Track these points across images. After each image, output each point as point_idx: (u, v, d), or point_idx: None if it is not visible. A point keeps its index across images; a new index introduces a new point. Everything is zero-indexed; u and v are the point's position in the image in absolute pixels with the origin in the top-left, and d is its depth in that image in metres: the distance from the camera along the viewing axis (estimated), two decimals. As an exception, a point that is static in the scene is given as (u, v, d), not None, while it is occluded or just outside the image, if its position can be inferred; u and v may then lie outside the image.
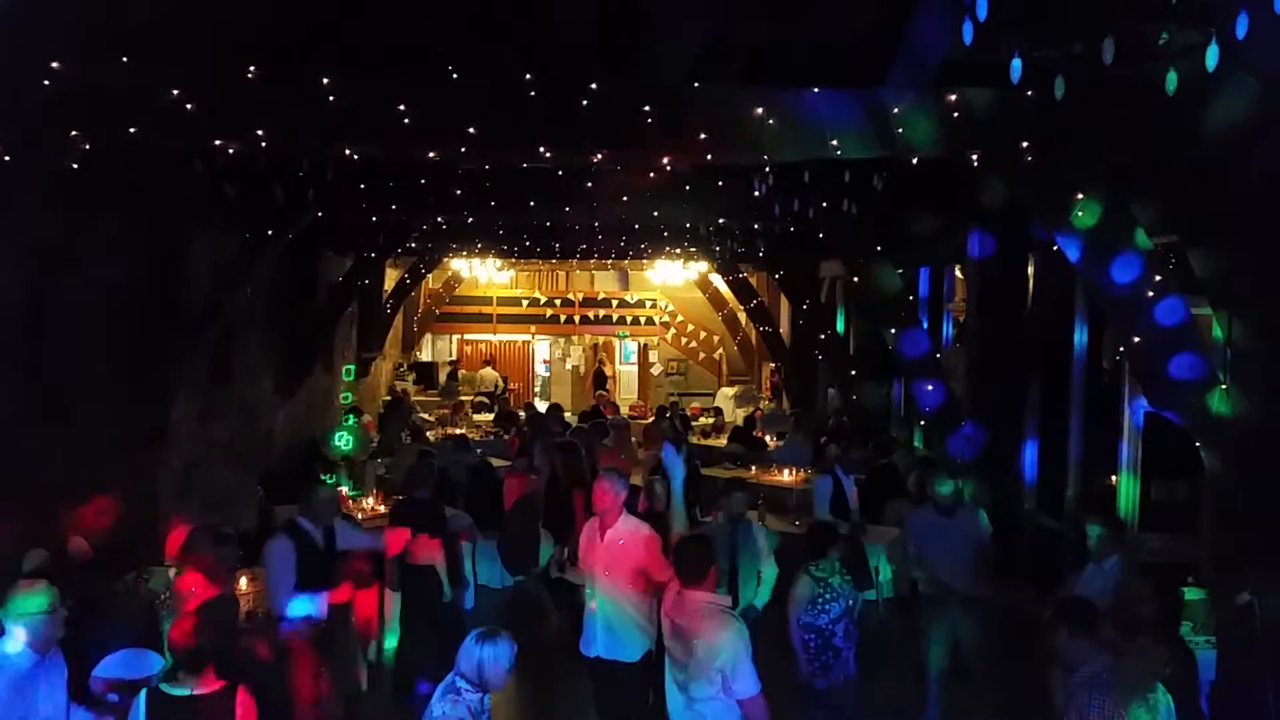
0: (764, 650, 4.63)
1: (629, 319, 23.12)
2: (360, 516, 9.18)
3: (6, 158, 5.69)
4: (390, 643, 7.60)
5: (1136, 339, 5.91)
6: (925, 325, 10.99)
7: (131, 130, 5.60)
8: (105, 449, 7.79)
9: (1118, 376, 8.71)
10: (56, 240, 7.03)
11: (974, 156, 5.75)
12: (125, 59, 5.43)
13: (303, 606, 5.77)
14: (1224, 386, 5.56)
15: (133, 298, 8.17)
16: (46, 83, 5.39)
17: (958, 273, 11.48)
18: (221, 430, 10.49)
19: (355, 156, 6.51)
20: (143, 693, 4.11)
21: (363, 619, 6.94)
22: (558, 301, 23.01)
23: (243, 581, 7.08)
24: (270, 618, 6.04)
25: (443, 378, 21.54)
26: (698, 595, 4.57)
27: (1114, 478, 8.67)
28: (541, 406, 15.60)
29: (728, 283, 18.37)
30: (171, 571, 6.62)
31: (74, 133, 5.73)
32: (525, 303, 23.01)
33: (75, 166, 6.04)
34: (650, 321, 23.19)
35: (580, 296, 23.09)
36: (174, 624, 4.41)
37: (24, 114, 5.49)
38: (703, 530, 6.80)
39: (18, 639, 4.20)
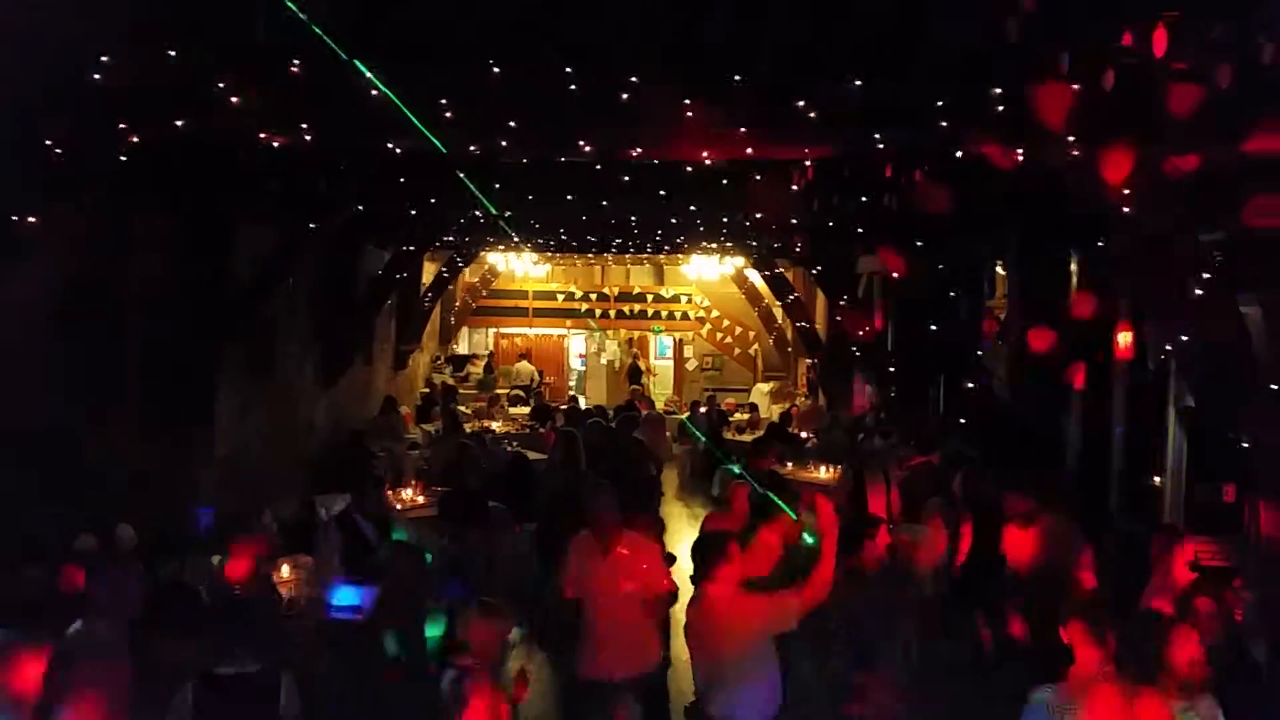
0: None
1: (664, 314, 23.10)
2: (399, 508, 9.26)
3: (58, 150, 5.80)
4: (434, 631, 7.66)
5: (1184, 337, 5.82)
6: (965, 322, 10.87)
7: (179, 123, 5.70)
8: (149, 438, 7.93)
9: (1163, 375, 8.57)
10: (101, 233, 7.16)
11: (1019, 151, 5.68)
12: (173, 53, 5.52)
13: (348, 596, 5.84)
14: (1274, 386, 5.46)
15: (177, 289, 8.30)
16: (96, 76, 5.49)
17: (999, 269, 11.35)
18: (263, 420, 10.62)
19: (397, 150, 6.56)
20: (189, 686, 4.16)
21: None
22: (593, 296, 23.03)
23: (284, 569, 7.17)
24: (313, 604, 6.13)
25: (477, 370, 21.62)
26: (713, 591, 4.58)
27: (1158, 479, 8.54)
28: (581, 404, 15.63)
29: (764, 278, 18.29)
30: (215, 559, 6.74)
31: (123, 126, 5.83)
32: (561, 297, 23.05)
33: (123, 159, 6.16)
34: (685, 316, 23.14)
35: (616, 291, 23.09)
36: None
37: (75, 108, 5.59)
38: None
39: None
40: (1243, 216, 5.65)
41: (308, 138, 5.83)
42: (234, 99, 5.51)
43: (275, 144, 6.21)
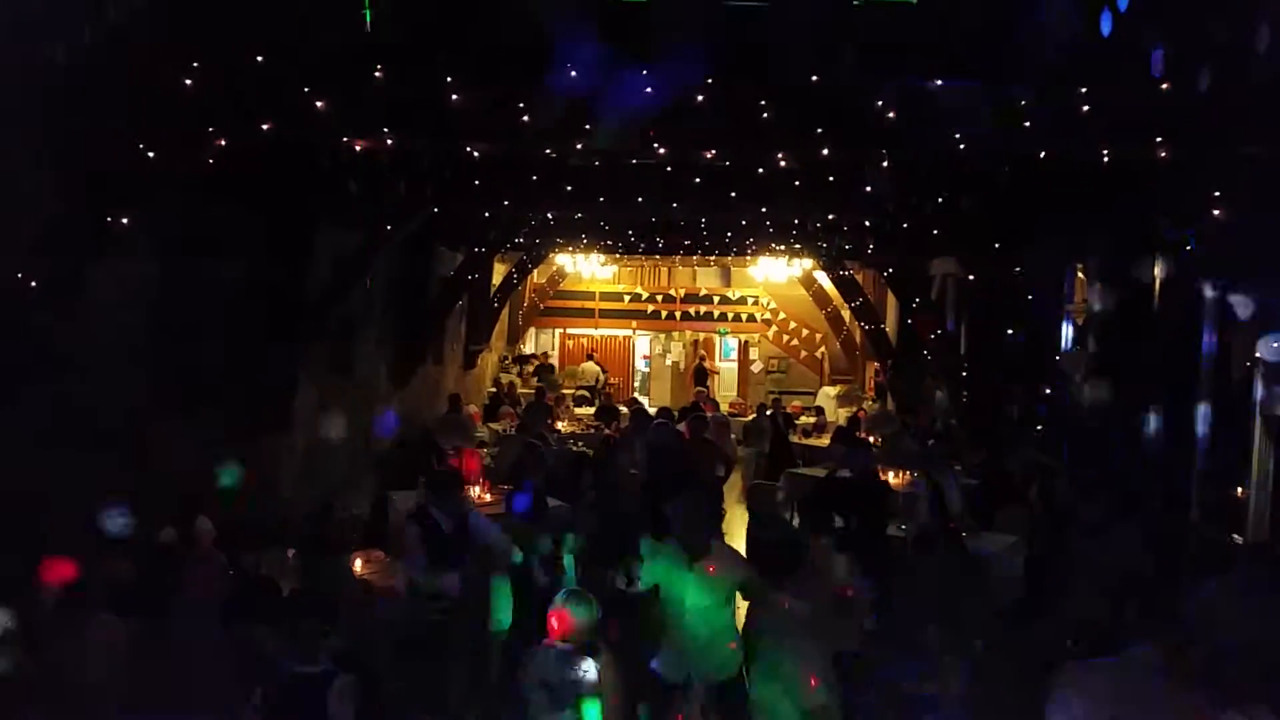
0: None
1: (730, 315, 23.03)
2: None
3: (150, 154, 5.99)
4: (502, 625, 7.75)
5: (1275, 344, 5.63)
6: (1043, 326, 10.64)
7: (265, 128, 5.85)
8: (231, 434, 8.15)
9: (1249, 382, 8.29)
10: (190, 234, 7.37)
11: (1105, 154, 5.55)
12: (260, 59, 5.68)
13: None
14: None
15: (260, 290, 8.51)
16: (189, 82, 5.67)
17: (1079, 273, 11.08)
18: (340, 418, 10.83)
19: (475, 154, 6.65)
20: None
21: None
22: (659, 297, 23.06)
23: (357, 563, 7.31)
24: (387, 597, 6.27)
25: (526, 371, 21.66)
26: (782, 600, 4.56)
27: (1242, 490, 8.27)
28: (649, 408, 15.62)
29: (833, 280, 18.10)
30: (291, 553, 6.92)
31: (211, 129, 6.00)
32: (627, 298, 23.13)
33: (211, 162, 6.34)
34: (751, 318, 23.04)
35: (682, 292, 23.10)
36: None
37: (167, 113, 5.78)
38: None
39: None
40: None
41: (389, 141, 5.94)
42: (318, 104, 5.64)
43: (356, 148, 6.34)
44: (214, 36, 5.72)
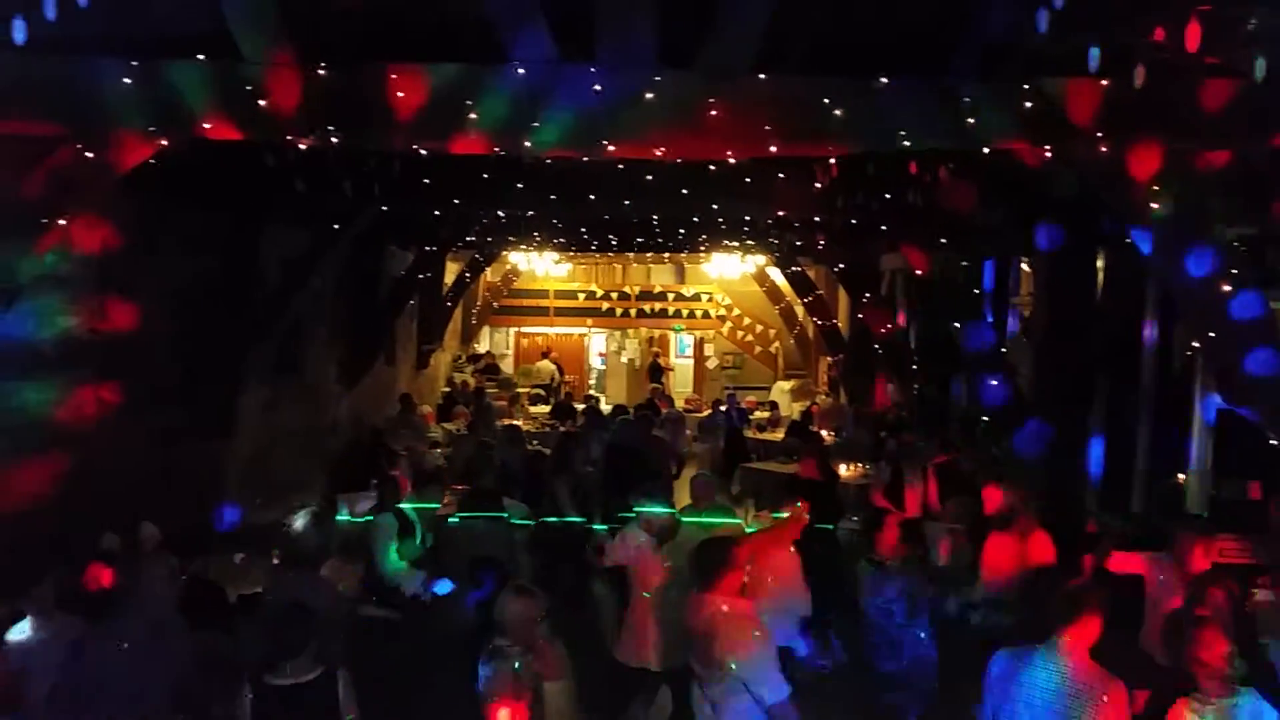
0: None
1: (685, 312, 23.10)
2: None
3: (89, 155, 5.86)
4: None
5: (1211, 334, 5.76)
6: (990, 319, 10.81)
7: (206, 126, 5.74)
8: (177, 436, 8.01)
9: (1190, 372, 8.50)
10: (131, 234, 7.22)
11: (1047, 148, 5.64)
12: (200, 56, 5.58)
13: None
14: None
15: (205, 290, 8.37)
16: (128, 81, 5.55)
17: (1024, 266, 11.27)
18: (288, 420, 10.70)
19: (422, 152, 6.59)
20: (248, 689, 4.18)
21: None
22: (614, 295, 23.06)
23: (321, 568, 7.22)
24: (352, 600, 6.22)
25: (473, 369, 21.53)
26: (714, 600, 4.56)
27: (1183, 476, 8.47)
28: (605, 406, 15.64)
29: (785, 276, 18.25)
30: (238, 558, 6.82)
31: (150, 129, 5.87)
32: (582, 296, 23.10)
33: (151, 162, 6.21)
34: (706, 315, 23.14)
35: (636, 290, 23.12)
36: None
37: (101, 112, 5.65)
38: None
39: None
40: (1273, 211, 5.61)
41: (334, 140, 5.86)
42: (260, 102, 5.55)
43: (301, 146, 6.25)
44: (152, 34, 5.62)
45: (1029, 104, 5.10)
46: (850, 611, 6.29)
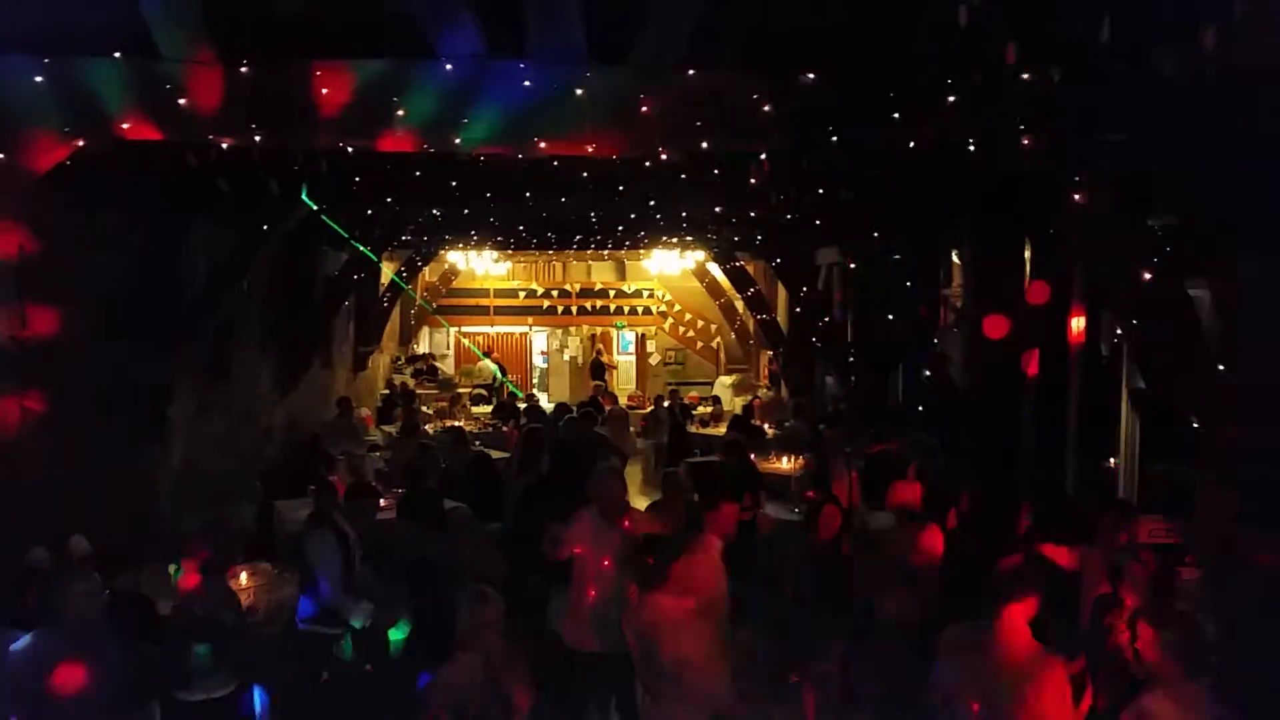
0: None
1: (626, 309, 23.11)
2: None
3: (0, 156, 5.68)
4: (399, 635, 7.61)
5: (1135, 322, 5.91)
6: (922, 311, 10.97)
7: (124, 126, 5.60)
8: (104, 445, 7.79)
9: (1116, 359, 8.71)
10: (50, 238, 7.01)
11: (971, 140, 5.74)
12: (117, 54, 5.43)
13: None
14: (1220, 369, 5.55)
15: (129, 293, 8.15)
16: (39, 79, 5.38)
17: (955, 258, 11.46)
18: (219, 426, 10.47)
19: (350, 150, 6.50)
20: (156, 704, 4.09)
21: None
22: (555, 293, 22.98)
23: (242, 577, 7.08)
24: (277, 611, 6.09)
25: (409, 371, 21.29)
26: (658, 600, 4.57)
27: (1112, 460, 8.68)
28: (544, 401, 15.59)
29: (725, 271, 18.35)
30: (171, 569, 6.63)
31: (66, 129, 5.71)
32: (522, 294, 22.98)
33: (68, 163, 6.04)
34: (648, 311, 23.18)
35: (577, 287, 23.06)
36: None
37: (12, 111, 5.48)
38: None
39: None
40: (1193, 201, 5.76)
41: (257, 138, 5.74)
42: (180, 101, 5.42)
43: (224, 145, 6.12)
44: (65, 30, 5.45)
45: (954, 98, 5.17)
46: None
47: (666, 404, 15.58)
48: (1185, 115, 5.18)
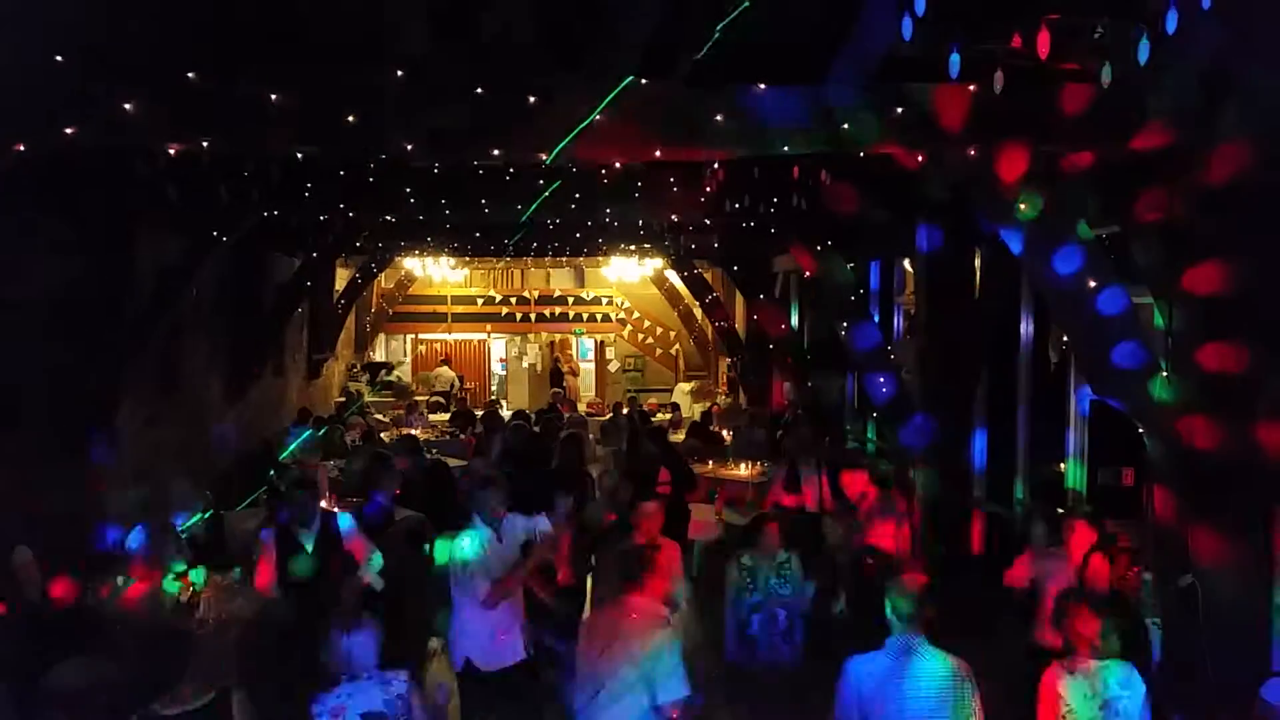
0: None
1: (585, 316, 23.10)
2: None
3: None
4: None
5: (1080, 329, 6.01)
6: (876, 318, 11.10)
7: (68, 131, 5.48)
8: (50, 454, 7.63)
9: (1064, 366, 8.87)
10: (-7, 244, 6.88)
11: (917, 152, 5.81)
12: (60, 58, 5.32)
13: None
14: (1165, 374, 5.68)
15: (75, 301, 7.99)
16: (-23, 83, 5.26)
17: (907, 266, 11.62)
18: (168, 435, 10.31)
19: (300, 156, 6.43)
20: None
21: None
22: (513, 300, 22.91)
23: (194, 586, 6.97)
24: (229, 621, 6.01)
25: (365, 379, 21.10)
26: (632, 602, 4.59)
27: (1062, 465, 8.83)
28: (503, 411, 15.53)
29: (683, 278, 18.41)
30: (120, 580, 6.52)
31: (7, 136, 5.59)
32: (480, 301, 22.88)
33: (8, 168, 5.90)
34: (607, 318, 23.19)
35: (536, 294, 23.01)
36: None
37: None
38: None
39: None
40: (1134, 210, 5.89)
41: (205, 144, 5.66)
42: (126, 107, 5.32)
43: (172, 151, 6.02)
44: (10, 32, 5.34)
45: (900, 110, 5.24)
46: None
47: (626, 411, 15.58)
48: (1122, 125, 5.30)
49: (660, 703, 4.35)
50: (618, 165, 6.97)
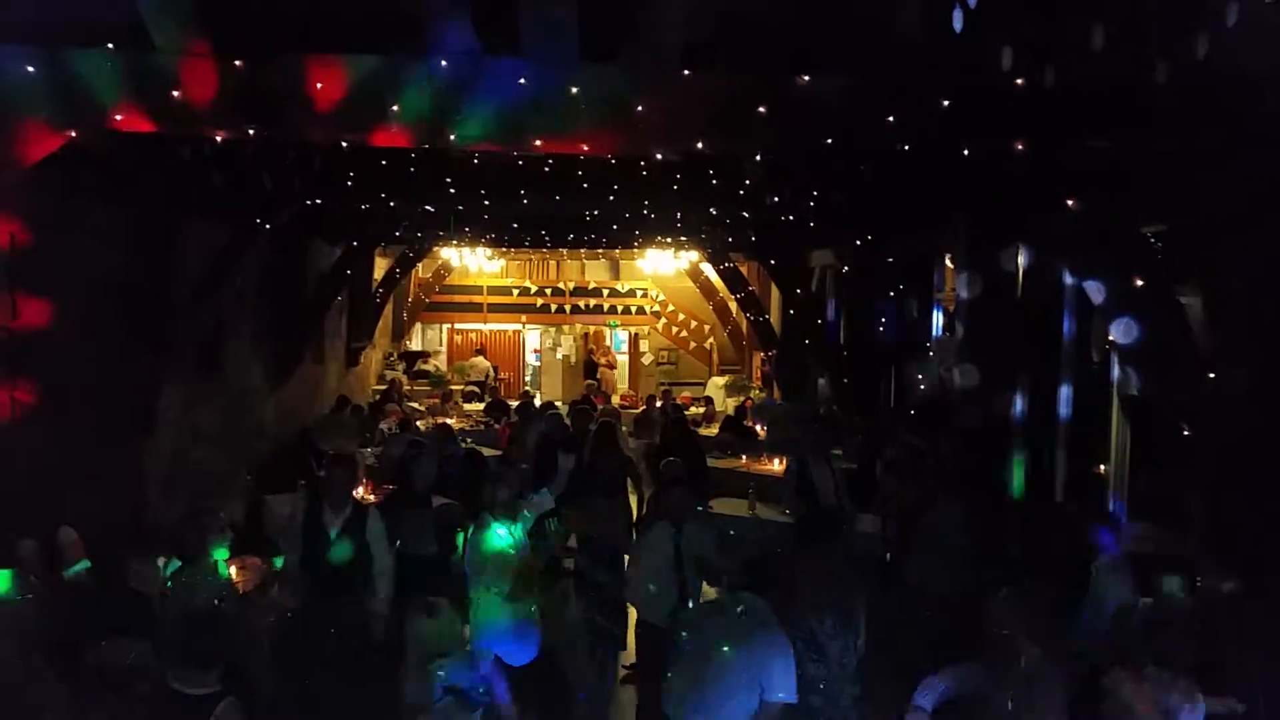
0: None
1: (620, 308, 23.11)
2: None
3: (-10, 146, 5.65)
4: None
5: (1125, 329, 5.92)
6: (915, 314, 10.99)
7: (117, 118, 5.57)
8: (94, 438, 7.77)
9: (1106, 365, 8.73)
10: (42, 229, 6.99)
11: (965, 146, 5.74)
12: (110, 45, 5.41)
13: None
14: (1212, 376, 5.57)
15: (120, 287, 8.13)
16: (30, 69, 5.36)
17: (948, 262, 11.49)
18: (210, 420, 10.45)
19: (344, 145, 6.48)
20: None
21: None
22: (548, 291, 22.97)
23: (232, 570, 7.06)
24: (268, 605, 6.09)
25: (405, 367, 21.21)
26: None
27: (1102, 467, 8.70)
28: (536, 400, 15.58)
29: (718, 272, 18.35)
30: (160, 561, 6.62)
31: (58, 119, 5.69)
32: (516, 292, 22.97)
33: (60, 154, 6.01)
34: (641, 311, 23.18)
35: (571, 286, 23.05)
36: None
37: (4, 101, 5.46)
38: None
39: None
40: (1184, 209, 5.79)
41: (250, 132, 5.73)
42: (174, 94, 5.40)
43: (217, 139, 6.09)
44: (58, 20, 5.43)
45: (948, 103, 5.18)
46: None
47: (659, 404, 15.57)
48: (1178, 122, 5.20)
49: (768, 700, 4.36)
50: (658, 157, 6.96)
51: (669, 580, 6.19)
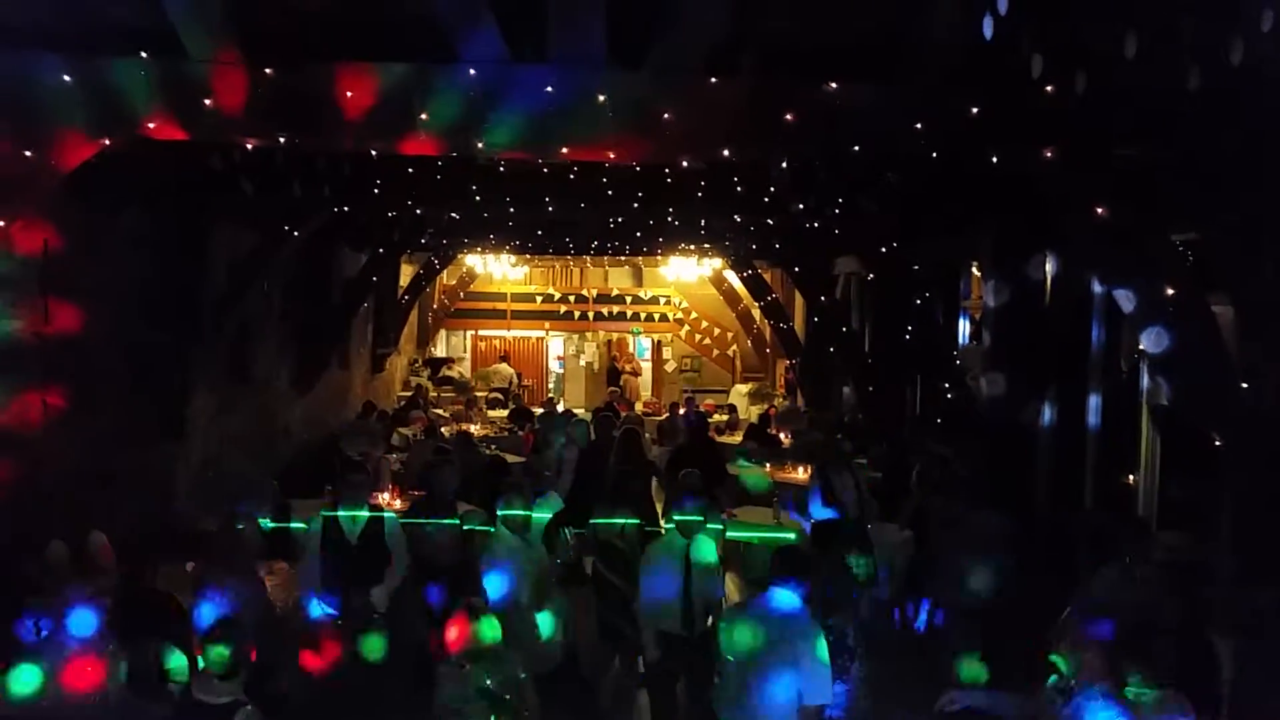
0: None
1: (643, 315, 23.12)
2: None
3: (28, 153, 5.73)
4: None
5: (1155, 337, 5.86)
6: (941, 322, 10.91)
7: (150, 126, 5.64)
8: (123, 443, 7.85)
9: (1136, 374, 8.64)
10: (75, 235, 7.08)
11: (993, 153, 5.71)
12: (143, 54, 5.47)
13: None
14: (1244, 385, 5.50)
15: (150, 293, 8.22)
16: (67, 78, 5.43)
17: (975, 269, 11.41)
18: (238, 425, 10.53)
19: (372, 152, 6.53)
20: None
21: None
22: (571, 298, 23.03)
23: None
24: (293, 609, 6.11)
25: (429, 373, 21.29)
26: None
27: (1132, 476, 8.60)
28: (560, 407, 15.61)
29: (742, 279, 18.32)
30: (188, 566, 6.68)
31: (93, 127, 5.76)
32: (539, 299, 23.04)
33: (94, 162, 6.09)
34: (664, 318, 23.18)
35: (594, 293, 23.10)
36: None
37: (40, 110, 5.54)
38: None
39: None
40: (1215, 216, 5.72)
41: (281, 139, 5.78)
42: (206, 101, 5.46)
43: (248, 146, 6.16)
44: (92, 29, 5.51)
45: (976, 110, 5.15)
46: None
47: (682, 411, 15.55)
48: (1209, 129, 5.15)
49: (806, 704, 4.38)
50: (684, 164, 6.97)
51: (678, 590, 6.22)
